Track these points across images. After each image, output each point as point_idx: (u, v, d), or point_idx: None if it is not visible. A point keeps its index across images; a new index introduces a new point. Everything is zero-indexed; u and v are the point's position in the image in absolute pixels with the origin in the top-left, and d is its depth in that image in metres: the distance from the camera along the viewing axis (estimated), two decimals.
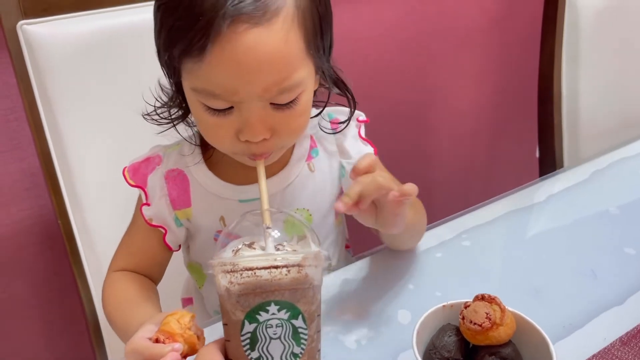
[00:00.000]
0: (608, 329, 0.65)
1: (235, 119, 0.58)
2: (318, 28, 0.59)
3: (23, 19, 0.82)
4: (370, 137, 0.79)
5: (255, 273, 0.50)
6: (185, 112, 0.68)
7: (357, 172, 0.57)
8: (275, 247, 0.53)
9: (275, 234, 0.54)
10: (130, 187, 0.71)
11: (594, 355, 0.61)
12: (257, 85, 0.55)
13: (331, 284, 0.73)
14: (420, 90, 1.59)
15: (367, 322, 0.67)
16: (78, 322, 1.21)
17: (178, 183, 0.70)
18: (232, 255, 0.52)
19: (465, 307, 0.56)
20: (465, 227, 0.83)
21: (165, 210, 0.70)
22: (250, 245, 0.53)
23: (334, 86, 0.67)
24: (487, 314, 0.54)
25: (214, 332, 0.64)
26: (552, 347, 0.53)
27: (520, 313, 0.56)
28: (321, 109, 0.71)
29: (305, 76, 0.58)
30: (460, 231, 0.82)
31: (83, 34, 0.85)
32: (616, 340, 0.63)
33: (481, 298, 0.56)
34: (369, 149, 0.75)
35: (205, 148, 0.71)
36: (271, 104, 0.57)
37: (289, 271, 0.50)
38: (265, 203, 0.57)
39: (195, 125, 0.70)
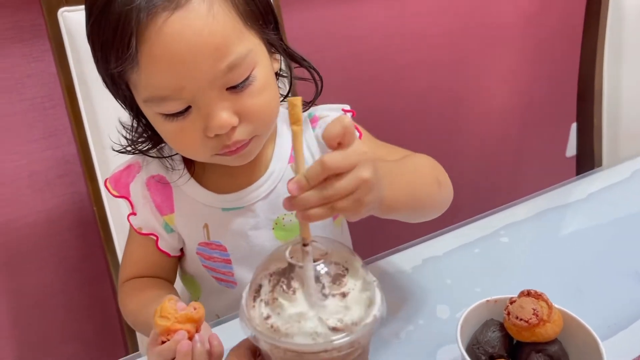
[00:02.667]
0: None
1: (196, 117, 0.56)
2: (250, 1, 0.57)
3: (64, 6, 0.82)
4: (399, 132, 0.77)
5: (300, 355, 0.45)
6: (154, 138, 0.65)
7: (329, 143, 0.45)
8: (315, 260, 0.45)
9: (315, 247, 0.47)
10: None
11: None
12: (200, 72, 0.53)
13: None
14: (450, 87, 1.58)
15: (406, 316, 0.66)
16: (107, 308, 1.22)
17: (160, 189, 0.68)
18: (267, 314, 0.45)
19: (511, 303, 0.55)
20: (503, 224, 0.82)
21: (152, 217, 0.69)
22: (288, 286, 0.45)
23: (293, 61, 0.64)
24: (534, 310, 0.53)
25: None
26: (601, 345, 0.52)
27: (568, 310, 0.55)
28: (309, 103, 0.68)
29: (250, 49, 0.56)
30: (498, 227, 0.81)
31: None
32: None
33: (527, 294, 0.55)
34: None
35: (187, 162, 0.68)
36: (227, 89, 0.55)
37: (340, 350, 0.44)
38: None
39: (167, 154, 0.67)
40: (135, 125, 0.64)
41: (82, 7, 0.82)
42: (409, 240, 0.79)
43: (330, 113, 0.69)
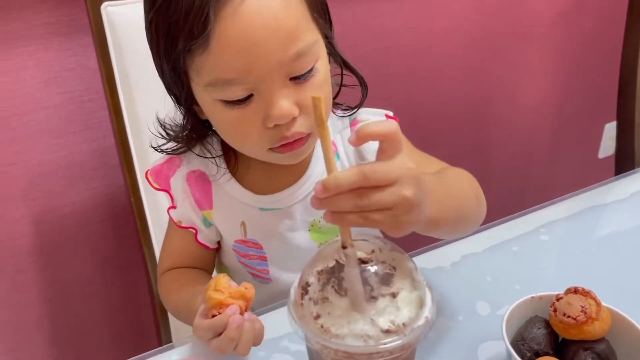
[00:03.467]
0: None
1: (257, 106, 0.55)
2: None
3: (107, 0, 0.84)
4: (429, 129, 0.76)
5: (351, 356, 0.44)
6: (200, 135, 0.65)
7: (363, 138, 0.43)
8: (362, 261, 0.45)
9: (359, 245, 0.46)
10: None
11: None
12: (271, 55, 0.52)
13: None
14: (483, 86, 1.56)
15: (446, 312, 0.66)
16: (140, 299, 1.24)
17: (200, 184, 0.69)
18: (317, 314, 0.45)
19: (557, 300, 0.54)
20: (543, 222, 0.81)
21: (191, 211, 0.69)
22: (339, 286, 0.45)
23: (344, 65, 0.64)
24: (582, 307, 0.52)
25: None
26: None
27: (616, 309, 0.54)
28: (355, 109, 0.67)
29: (315, 41, 0.56)
30: (538, 225, 0.80)
31: None
32: None
33: (574, 291, 0.54)
34: None
35: (228, 161, 0.68)
36: (290, 79, 0.55)
37: (391, 352, 0.44)
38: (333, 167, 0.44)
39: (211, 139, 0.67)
40: (183, 119, 0.64)
41: (125, 1, 0.86)
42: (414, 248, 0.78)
43: (372, 117, 0.69)
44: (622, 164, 1.07)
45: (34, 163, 1.06)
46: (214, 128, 0.66)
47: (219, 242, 0.74)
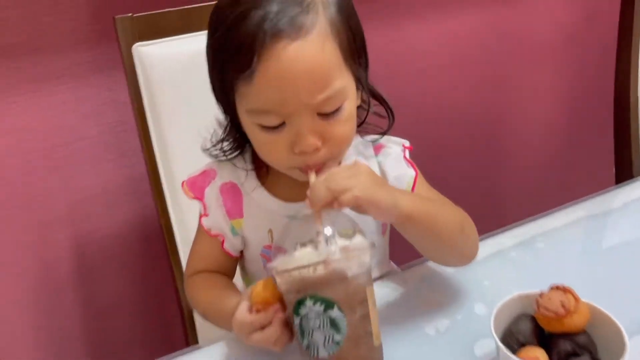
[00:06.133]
0: None
1: (288, 133, 0.64)
2: (352, 41, 0.65)
3: (138, 41, 0.91)
4: (439, 150, 0.82)
5: (290, 275, 0.57)
6: (240, 144, 0.74)
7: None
8: (327, 243, 0.58)
9: (328, 231, 0.59)
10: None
11: None
12: (303, 95, 0.61)
13: (409, 278, 0.79)
14: (491, 107, 1.59)
15: (445, 312, 0.72)
16: (171, 315, 1.30)
17: (231, 195, 0.75)
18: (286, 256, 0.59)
19: (541, 297, 0.60)
20: (541, 230, 0.86)
21: (222, 220, 0.76)
22: (304, 244, 0.59)
23: (372, 97, 0.72)
24: (561, 302, 0.58)
25: None
26: (626, 336, 0.56)
27: (595, 304, 0.60)
28: (381, 135, 0.76)
29: (345, 85, 0.64)
30: (535, 233, 0.85)
31: (189, 53, 0.92)
32: None
33: (556, 288, 0.60)
34: (410, 172, 0.77)
35: (259, 171, 0.76)
36: (318, 114, 0.63)
37: (315, 269, 0.56)
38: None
39: (245, 152, 0.75)
40: (227, 128, 0.73)
41: (154, 42, 0.94)
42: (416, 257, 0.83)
43: (393, 146, 0.78)
44: (621, 176, 1.11)
45: (74, 189, 1.14)
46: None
47: (241, 252, 0.82)
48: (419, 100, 1.46)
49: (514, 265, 0.80)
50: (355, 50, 0.66)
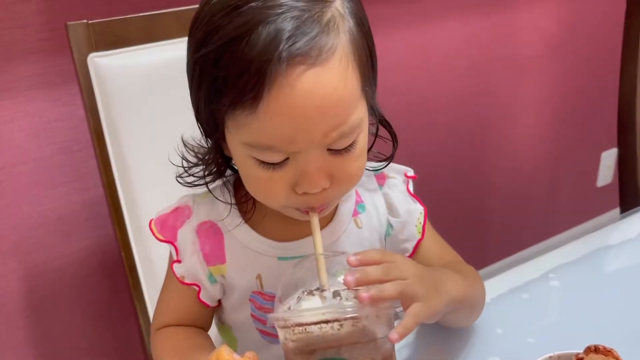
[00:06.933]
0: None
1: (291, 170, 0.53)
2: (370, 63, 0.55)
3: (94, 51, 0.84)
4: (427, 165, 0.75)
5: (305, 329, 0.48)
6: (220, 169, 0.63)
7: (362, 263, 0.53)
8: (335, 293, 0.50)
9: (337, 280, 0.52)
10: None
11: None
12: (317, 132, 0.51)
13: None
14: (476, 120, 1.58)
15: None
16: (133, 353, 1.21)
17: (211, 237, 0.65)
18: (290, 307, 0.51)
19: None
20: (552, 266, 0.77)
21: (198, 267, 0.65)
22: (311, 293, 0.51)
23: (382, 126, 0.63)
24: None
25: None
26: None
27: None
28: (386, 164, 0.66)
29: (362, 117, 0.54)
30: (547, 270, 0.77)
31: (152, 64, 0.86)
32: None
33: (595, 350, 0.50)
34: (418, 207, 0.68)
35: (242, 205, 0.65)
36: (328, 149, 0.53)
37: (341, 325, 0.48)
38: (321, 258, 0.54)
39: (226, 182, 0.64)
40: (209, 153, 0.61)
41: (112, 52, 0.85)
42: None
43: (396, 176, 0.69)
44: (626, 197, 1.05)
45: (23, 216, 1.05)
46: (235, 168, 0.63)
47: (219, 301, 0.71)
48: (403, 115, 1.42)
49: (528, 308, 0.71)
50: (371, 73, 0.56)
